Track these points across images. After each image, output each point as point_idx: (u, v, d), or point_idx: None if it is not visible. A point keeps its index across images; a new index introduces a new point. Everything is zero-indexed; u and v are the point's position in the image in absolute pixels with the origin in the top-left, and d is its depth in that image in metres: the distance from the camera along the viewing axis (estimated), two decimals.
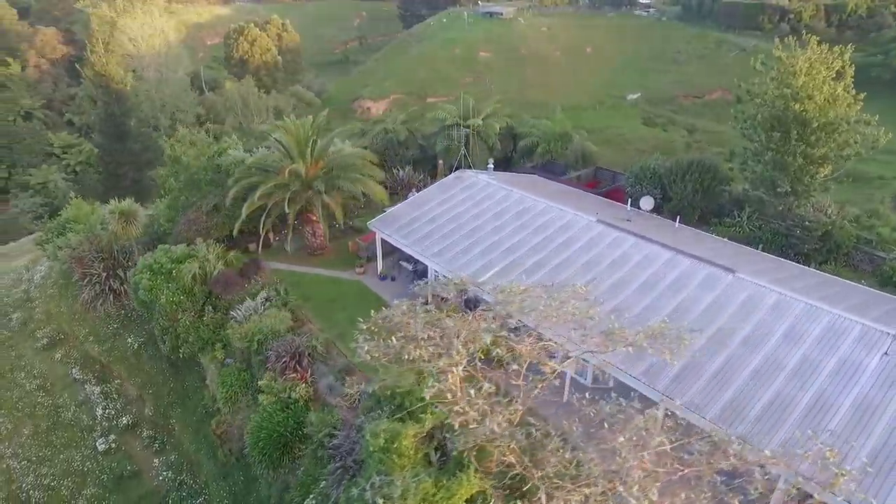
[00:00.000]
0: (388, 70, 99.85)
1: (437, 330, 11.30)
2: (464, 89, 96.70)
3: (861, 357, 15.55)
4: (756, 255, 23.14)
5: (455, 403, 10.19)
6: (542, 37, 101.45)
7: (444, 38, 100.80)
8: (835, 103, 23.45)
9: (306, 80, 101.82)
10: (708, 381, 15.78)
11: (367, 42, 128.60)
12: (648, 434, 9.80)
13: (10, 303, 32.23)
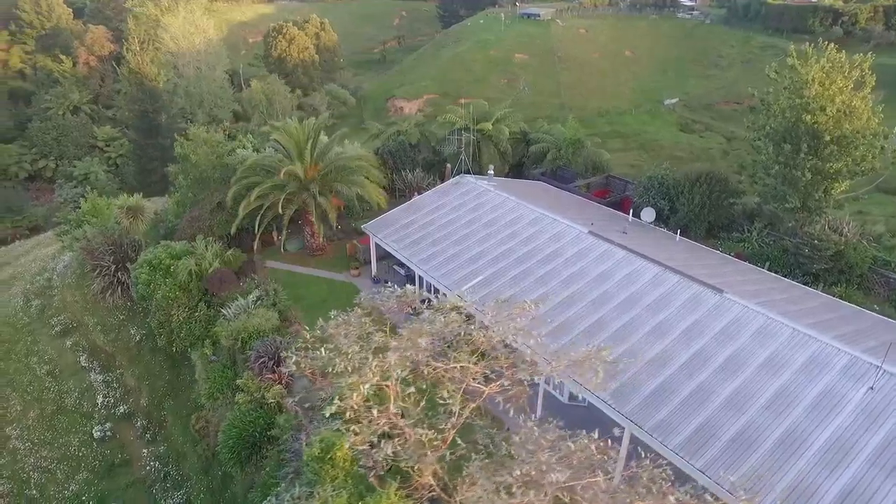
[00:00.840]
0: (423, 70, 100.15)
1: (362, 344, 11.12)
2: (498, 91, 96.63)
3: (845, 390, 14.56)
4: (757, 273, 22.04)
5: (356, 422, 9.99)
6: (580, 39, 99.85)
7: (480, 40, 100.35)
8: (851, 115, 22.09)
9: (343, 79, 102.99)
10: (676, 408, 15.08)
11: (405, 42, 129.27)
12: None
13: (32, 290, 33.73)
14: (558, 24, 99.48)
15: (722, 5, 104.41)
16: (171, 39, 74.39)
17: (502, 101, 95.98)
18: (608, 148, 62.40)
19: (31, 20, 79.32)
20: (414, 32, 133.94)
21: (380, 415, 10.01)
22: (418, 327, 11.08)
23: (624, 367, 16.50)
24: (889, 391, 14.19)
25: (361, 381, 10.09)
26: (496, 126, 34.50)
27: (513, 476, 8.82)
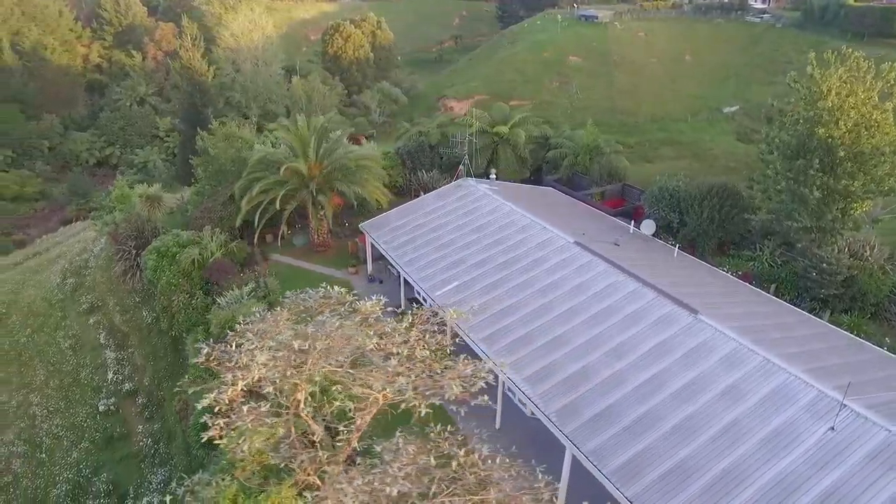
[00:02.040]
0: (475, 70, 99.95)
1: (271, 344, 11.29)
2: (549, 94, 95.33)
3: (804, 427, 13.49)
4: (751, 295, 20.73)
5: (225, 416, 10.14)
6: (638, 42, 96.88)
7: (534, 41, 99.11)
8: (872, 130, 20.39)
9: (396, 77, 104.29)
10: (620, 431, 14.44)
11: (462, 42, 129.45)
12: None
13: (70, 269, 36.16)
14: (616, 27, 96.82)
15: (797, 8, 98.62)
16: (230, 36, 77.82)
17: (552, 103, 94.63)
18: (658, 156, 60.32)
19: (110, 18, 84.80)
20: (473, 32, 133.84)
21: (250, 412, 10.12)
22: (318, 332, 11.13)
23: (576, 385, 16.01)
24: (850, 433, 13.04)
25: (241, 378, 10.26)
26: (513, 130, 34.02)
27: (352, 485, 8.72)
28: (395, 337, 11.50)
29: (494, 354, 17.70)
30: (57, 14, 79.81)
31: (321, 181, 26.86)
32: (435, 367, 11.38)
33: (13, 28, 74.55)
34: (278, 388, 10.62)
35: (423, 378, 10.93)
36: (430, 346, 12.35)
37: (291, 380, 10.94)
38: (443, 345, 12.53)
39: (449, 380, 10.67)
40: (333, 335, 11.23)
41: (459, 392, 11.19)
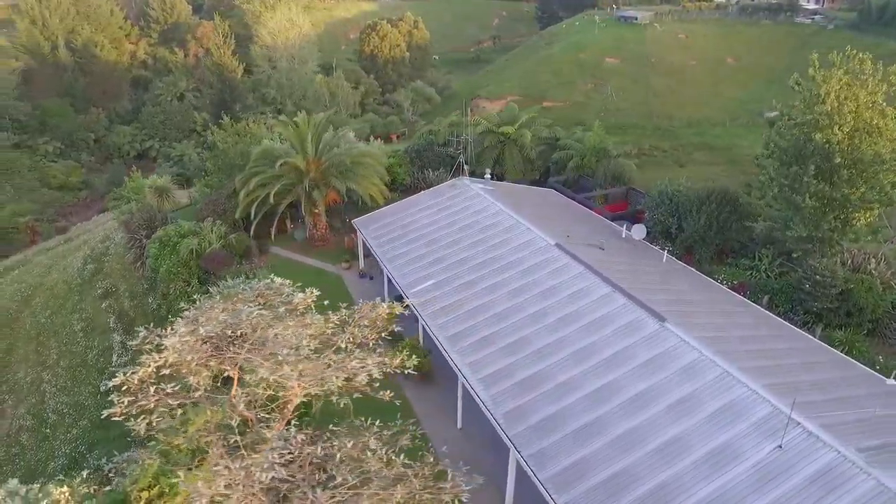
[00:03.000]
0: (511, 71, 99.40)
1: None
2: (583, 95, 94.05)
3: (751, 444, 12.90)
4: (738, 305, 19.89)
5: (132, 394, 10.44)
6: (678, 44, 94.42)
7: (571, 42, 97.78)
8: (873, 136, 19.32)
9: (432, 77, 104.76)
10: (564, 438, 14.15)
11: (500, 42, 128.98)
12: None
13: (91, 255, 37.79)
14: (655, 28, 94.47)
15: (853, 8, 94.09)
16: (267, 34, 79.75)
17: (587, 105, 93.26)
18: (692, 160, 58.63)
19: (157, 16, 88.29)
20: (512, 33, 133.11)
21: (157, 392, 10.40)
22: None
23: (530, 388, 15.77)
24: (797, 452, 12.40)
25: (153, 360, 10.58)
26: (520, 130, 33.68)
27: (231, 466, 8.89)
28: (312, 329, 11.59)
29: (457, 353, 17.65)
30: (109, 13, 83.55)
31: (317, 177, 27.26)
32: (349, 362, 11.41)
33: (69, 27, 78.44)
34: (191, 371, 10.88)
35: (334, 368, 10.98)
36: (356, 340, 12.49)
37: (211, 364, 11.22)
38: (369, 339, 12.62)
39: (361, 368, 10.69)
40: (247, 324, 11.43)
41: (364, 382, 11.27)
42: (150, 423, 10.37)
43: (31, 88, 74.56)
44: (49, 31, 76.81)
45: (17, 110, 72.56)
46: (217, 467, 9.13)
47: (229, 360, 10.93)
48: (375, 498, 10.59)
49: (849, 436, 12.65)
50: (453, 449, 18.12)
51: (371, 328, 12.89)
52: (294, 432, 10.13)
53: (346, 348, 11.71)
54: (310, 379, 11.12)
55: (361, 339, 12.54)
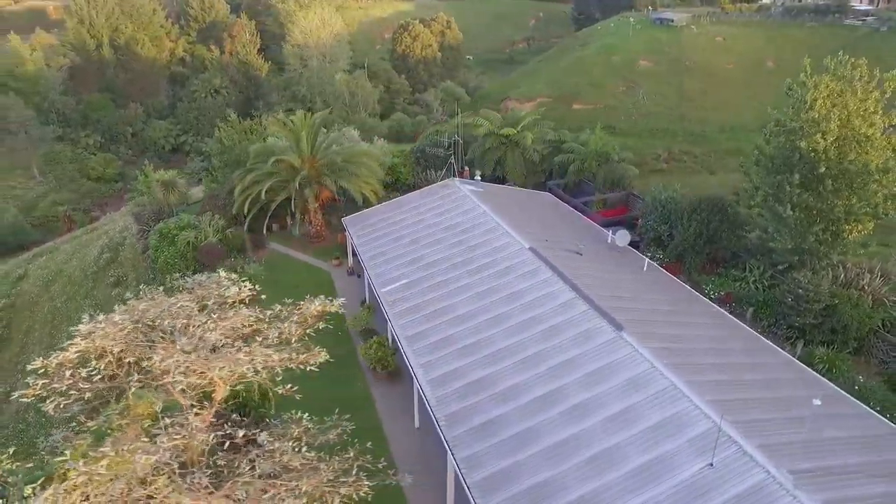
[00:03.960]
0: (543, 72, 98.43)
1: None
2: (614, 98, 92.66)
3: (683, 460, 12.55)
4: (712, 317, 19.25)
5: (47, 377, 10.88)
6: (715, 47, 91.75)
7: (605, 44, 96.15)
8: (862, 145, 18.44)
9: (463, 77, 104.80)
10: (498, 444, 14.09)
11: (534, 43, 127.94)
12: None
13: (109, 244, 39.38)
14: (692, 30, 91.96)
15: None
16: (299, 33, 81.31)
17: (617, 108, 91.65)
18: (723, 167, 57.09)
19: (195, 15, 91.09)
20: (548, 34, 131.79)
21: (73, 376, 10.84)
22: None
23: (477, 391, 15.71)
24: (728, 471, 12.00)
25: (72, 344, 11.04)
26: (520, 133, 33.40)
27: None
28: (228, 322, 11.87)
29: (413, 353, 17.73)
30: (151, 12, 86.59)
31: (311, 175, 27.71)
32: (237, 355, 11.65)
33: (113, 25, 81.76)
34: (116, 357, 11.29)
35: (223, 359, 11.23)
36: (283, 335, 12.76)
37: (136, 352, 11.63)
38: (299, 334, 12.87)
39: (250, 361, 10.95)
40: (165, 314, 11.79)
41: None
42: (59, 405, 10.76)
43: (76, 84, 78.00)
44: (95, 29, 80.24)
45: (62, 105, 76.05)
46: (106, 448, 9.49)
47: (145, 350, 11.26)
48: (282, 488, 10.85)
49: (785, 457, 12.16)
50: (409, 448, 18.28)
51: (300, 324, 13.14)
52: (191, 418, 10.39)
53: (261, 342, 11.95)
54: (227, 370, 11.42)
55: (288, 335, 12.81)
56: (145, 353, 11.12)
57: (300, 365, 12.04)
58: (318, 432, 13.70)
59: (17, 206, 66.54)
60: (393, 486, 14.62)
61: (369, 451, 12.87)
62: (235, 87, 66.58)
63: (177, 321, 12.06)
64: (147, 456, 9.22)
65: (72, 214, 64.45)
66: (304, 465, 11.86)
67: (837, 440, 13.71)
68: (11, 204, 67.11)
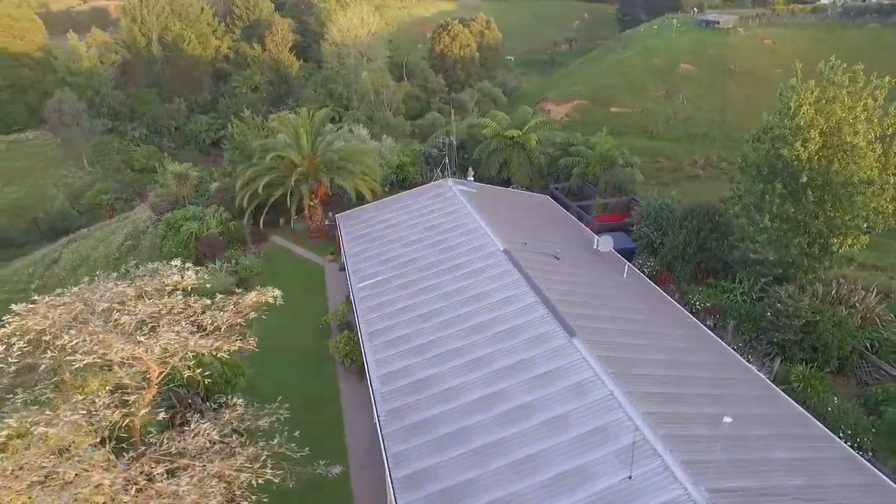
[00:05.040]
0: (581, 74, 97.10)
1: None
2: (652, 102, 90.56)
3: (604, 470, 12.32)
4: (683, 328, 18.66)
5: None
6: (763, 51, 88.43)
7: (646, 46, 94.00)
8: (846, 154, 17.55)
9: (501, 77, 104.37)
10: (429, 442, 14.18)
11: (576, 44, 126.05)
12: None
13: (132, 233, 41.31)
14: (739, 33, 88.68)
15: None
16: (337, 31, 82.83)
17: (656, 112, 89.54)
18: None
19: (240, 14, 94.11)
20: (592, 35, 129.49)
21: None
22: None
23: (421, 389, 15.80)
24: (646, 485, 11.71)
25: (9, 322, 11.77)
26: (525, 135, 33.12)
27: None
28: (153, 307, 12.39)
29: (370, 349, 17.98)
30: (199, 11, 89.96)
31: (309, 171, 28.34)
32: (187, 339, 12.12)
33: (162, 23, 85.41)
34: (36, 336, 11.95)
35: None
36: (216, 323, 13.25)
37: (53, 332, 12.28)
38: (229, 322, 13.35)
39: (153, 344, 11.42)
40: (97, 298, 12.39)
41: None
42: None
43: (125, 79, 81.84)
44: (146, 27, 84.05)
45: (113, 99, 80.00)
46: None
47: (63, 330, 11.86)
48: (195, 469, 11.32)
49: (708, 475, 11.75)
50: (364, 441, 18.51)
51: (234, 313, 13.60)
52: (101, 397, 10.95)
53: (182, 327, 12.43)
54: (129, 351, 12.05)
55: (219, 323, 13.27)
56: (62, 334, 11.71)
57: (214, 351, 12.41)
58: (253, 418, 14.18)
59: (66, 194, 70.49)
60: (338, 476, 15.17)
61: (308, 439, 13.47)
62: (268, 83, 68.37)
63: (112, 305, 12.65)
64: (45, 429, 9.73)
65: (114, 203, 67.75)
66: (223, 448, 12.31)
67: (779, 461, 13.14)
68: (62, 192, 71.23)
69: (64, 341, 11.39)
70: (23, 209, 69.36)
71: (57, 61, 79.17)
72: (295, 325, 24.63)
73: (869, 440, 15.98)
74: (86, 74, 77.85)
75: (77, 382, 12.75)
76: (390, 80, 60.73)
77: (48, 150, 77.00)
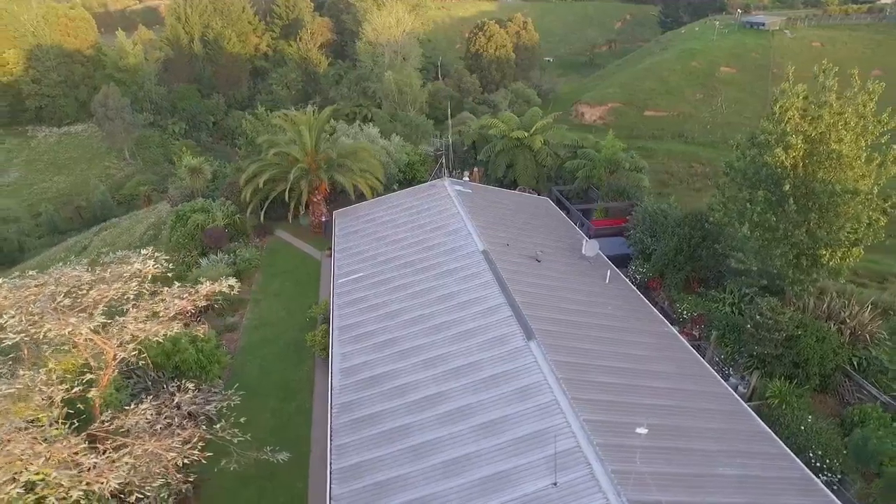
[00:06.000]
0: (618, 76, 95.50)
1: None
2: (690, 105, 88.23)
3: (535, 475, 12.19)
4: (658, 337, 18.15)
5: None
6: (810, 53, 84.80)
7: (685, 49, 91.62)
8: (835, 162, 16.78)
9: (536, 78, 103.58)
10: (373, 436, 14.32)
11: (616, 46, 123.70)
12: None
13: (155, 223, 42.99)
14: (785, 35, 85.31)
15: None
16: (372, 30, 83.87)
17: (692, 117, 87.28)
18: None
19: (280, 13, 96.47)
20: (634, 37, 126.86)
21: None
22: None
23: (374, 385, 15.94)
24: (568, 493, 11.55)
25: None
26: (532, 137, 32.81)
27: None
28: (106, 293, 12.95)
29: (339, 343, 18.24)
30: (240, 10, 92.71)
31: (312, 168, 28.89)
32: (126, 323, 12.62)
33: (205, 22, 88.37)
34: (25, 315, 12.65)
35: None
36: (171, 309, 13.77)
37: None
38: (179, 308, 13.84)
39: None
40: (52, 281, 12.99)
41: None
42: None
43: (168, 76, 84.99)
44: (189, 26, 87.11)
45: (156, 94, 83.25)
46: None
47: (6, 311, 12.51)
48: (133, 446, 11.84)
49: (638, 487, 11.45)
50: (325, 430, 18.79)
51: (189, 301, 14.10)
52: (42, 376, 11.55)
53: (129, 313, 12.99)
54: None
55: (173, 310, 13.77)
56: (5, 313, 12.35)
57: (151, 335, 12.92)
58: (203, 402, 14.66)
59: (108, 185, 73.85)
60: (293, 463, 15.68)
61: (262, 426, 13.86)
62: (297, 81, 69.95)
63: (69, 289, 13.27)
64: None
65: (151, 194, 70.60)
66: (163, 428, 12.79)
67: (723, 478, 12.69)
68: (104, 182, 74.67)
69: (3, 321, 12.02)
70: (69, 198, 73.01)
71: (106, 58, 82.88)
72: (286, 317, 25.22)
73: (839, 462, 15.22)
74: (131, 71, 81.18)
75: (34, 360, 13.41)
76: (415, 79, 60.89)
77: (94, 142, 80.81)
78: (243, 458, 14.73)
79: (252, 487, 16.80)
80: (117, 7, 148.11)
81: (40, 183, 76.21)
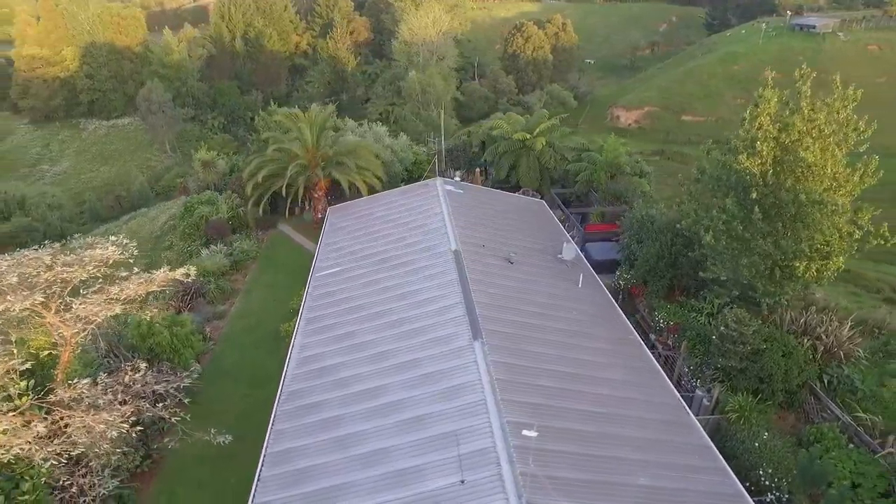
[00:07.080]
0: (657, 80, 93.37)
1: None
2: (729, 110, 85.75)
3: (445, 471, 12.30)
4: (622, 345, 17.80)
5: None
6: (865, 57, 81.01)
7: (728, 52, 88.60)
8: (805, 174, 16.16)
9: (573, 80, 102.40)
10: (307, 426, 14.73)
11: (659, 49, 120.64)
12: None
13: (176, 213, 44.68)
14: (838, 38, 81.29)
15: None
16: (408, 30, 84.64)
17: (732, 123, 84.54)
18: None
19: (321, 12, 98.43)
20: (679, 39, 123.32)
21: None
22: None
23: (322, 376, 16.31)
24: (473, 491, 11.62)
25: None
26: (534, 139, 32.56)
27: None
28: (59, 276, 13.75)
29: (302, 334, 18.73)
30: (282, 9, 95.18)
31: (312, 164, 29.59)
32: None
33: (247, 21, 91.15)
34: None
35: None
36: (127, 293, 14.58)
37: None
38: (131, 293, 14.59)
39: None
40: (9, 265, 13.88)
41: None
42: None
43: (210, 72, 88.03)
44: (232, 24, 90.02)
45: (197, 90, 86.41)
46: None
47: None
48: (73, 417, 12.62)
49: (540, 492, 11.39)
50: None
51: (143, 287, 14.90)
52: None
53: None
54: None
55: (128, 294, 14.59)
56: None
57: (93, 316, 13.65)
58: (153, 382, 15.39)
59: (148, 176, 77.22)
60: (253, 445, 16.33)
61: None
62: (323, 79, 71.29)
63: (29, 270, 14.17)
64: None
65: (188, 186, 73.47)
66: (107, 405, 13.54)
67: (639, 488, 12.44)
68: (144, 174, 78.13)
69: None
70: (111, 187, 76.76)
71: (152, 55, 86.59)
72: (272, 308, 25.96)
73: (787, 482, 14.65)
74: (175, 67, 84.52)
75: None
76: (437, 79, 61.17)
77: (138, 135, 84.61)
78: (190, 437, 15.46)
79: (207, 466, 17.48)
80: (172, 6, 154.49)
81: (87, 172, 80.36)
